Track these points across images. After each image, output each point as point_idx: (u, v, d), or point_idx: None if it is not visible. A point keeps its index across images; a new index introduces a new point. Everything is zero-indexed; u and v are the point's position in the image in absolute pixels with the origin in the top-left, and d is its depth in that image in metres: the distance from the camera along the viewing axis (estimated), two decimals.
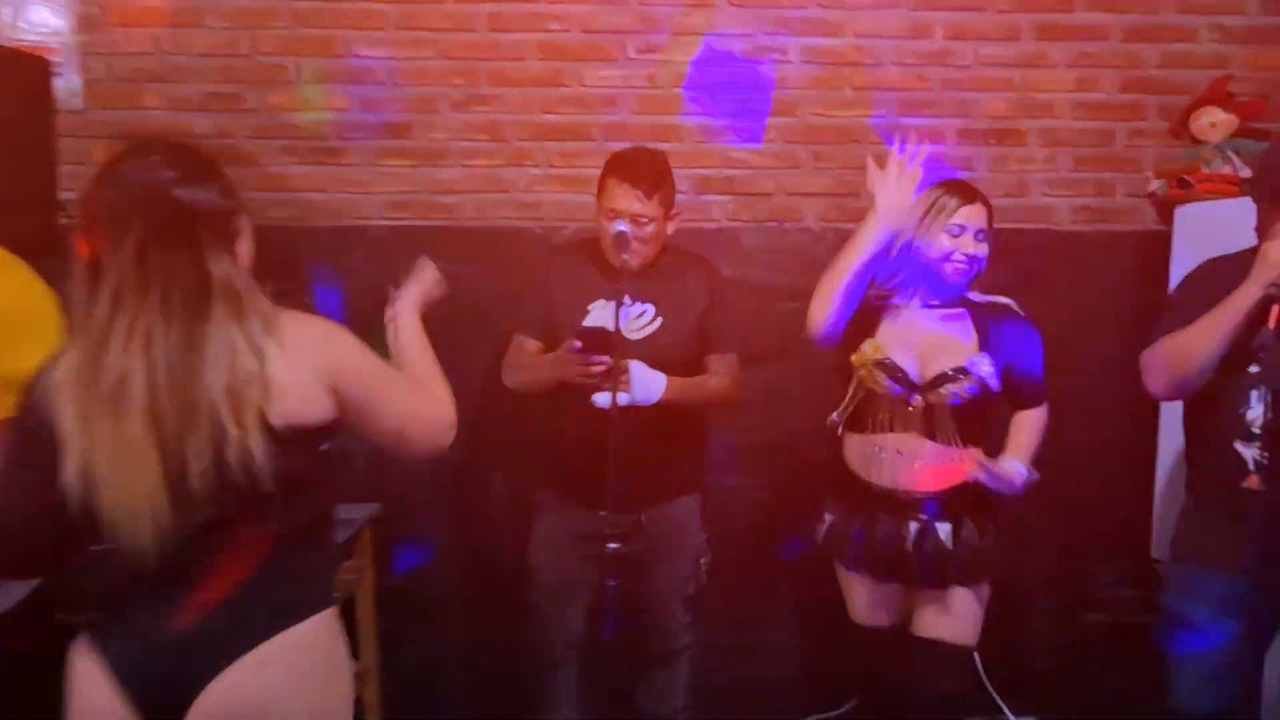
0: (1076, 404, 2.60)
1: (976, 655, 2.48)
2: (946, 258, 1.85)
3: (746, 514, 2.59)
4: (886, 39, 2.54)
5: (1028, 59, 2.57)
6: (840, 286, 1.81)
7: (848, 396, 1.93)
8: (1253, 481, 1.69)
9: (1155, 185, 2.55)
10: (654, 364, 1.86)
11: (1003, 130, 2.59)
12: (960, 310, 1.93)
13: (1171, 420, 2.47)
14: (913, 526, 1.86)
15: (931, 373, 1.85)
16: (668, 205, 1.97)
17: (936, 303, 1.92)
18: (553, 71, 2.54)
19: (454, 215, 2.57)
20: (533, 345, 2.03)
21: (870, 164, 1.81)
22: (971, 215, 1.87)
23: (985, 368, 1.85)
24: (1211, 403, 1.74)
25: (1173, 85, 2.58)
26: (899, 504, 1.87)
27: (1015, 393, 1.97)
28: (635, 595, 1.97)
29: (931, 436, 1.84)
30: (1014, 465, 1.88)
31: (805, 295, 2.40)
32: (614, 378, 1.73)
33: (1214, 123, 2.44)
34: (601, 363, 1.73)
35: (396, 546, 2.53)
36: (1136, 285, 2.58)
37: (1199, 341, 1.65)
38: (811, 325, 1.87)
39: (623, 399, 1.73)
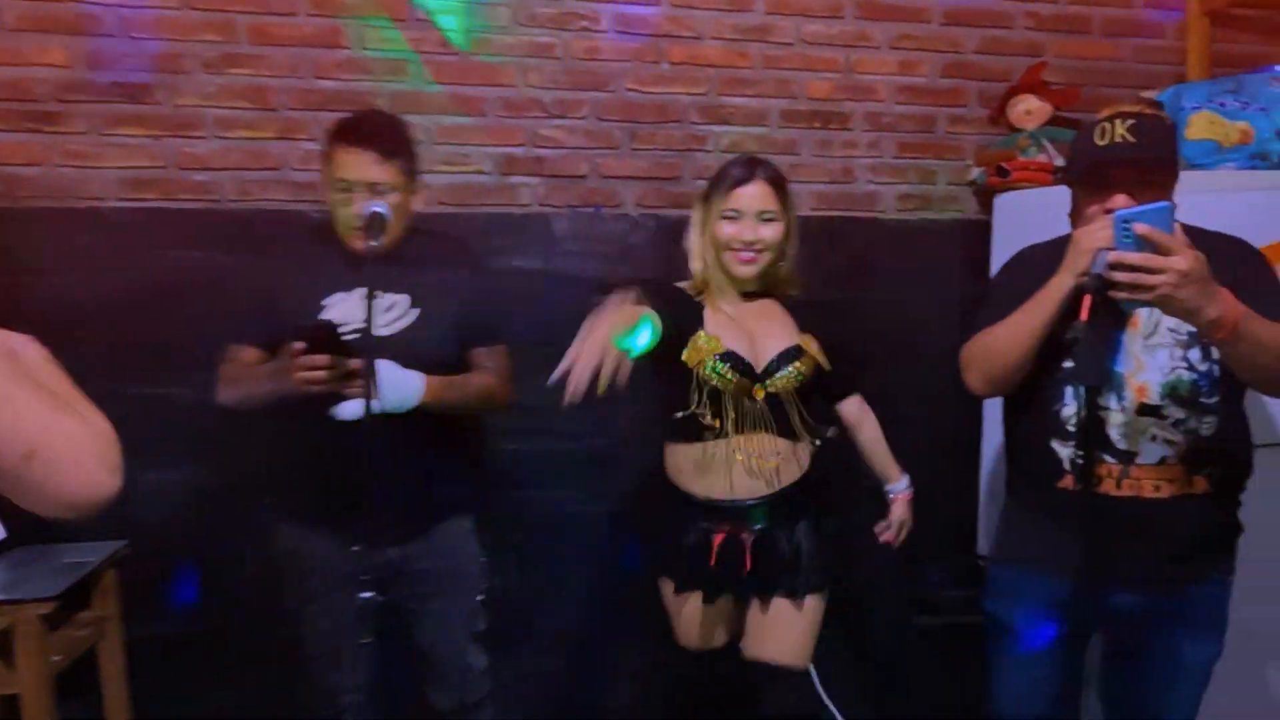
0: (902, 397, 2.53)
1: (813, 669, 2.35)
2: (726, 247, 1.72)
3: (573, 531, 2.35)
4: (704, 10, 2.35)
5: (850, 38, 2.45)
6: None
7: (694, 398, 1.72)
8: (1068, 481, 1.60)
9: (975, 173, 2.50)
10: (409, 363, 1.58)
11: (827, 113, 2.46)
12: (772, 299, 1.81)
13: (994, 414, 2.44)
14: (748, 537, 1.73)
15: (766, 359, 1.72)
16: (410, 174, 1.70)
17: (746, 292, 1.80)
18: (328, 30, 2.19)
19: (211, 195, 2.18)
20: (252, 354, 1.69)
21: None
22: (750, 197, 1.70)
23: (814, 346, 1.76)
24: (1027, 400, 1.65)
25: (991, 71, 2.53)
26: (735, 513, 1.73)
27: (835, 375, 1.87)
28: (412, 645, 1.70)
29: (773, 430, 1.73)
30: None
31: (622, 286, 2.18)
32: (356, 382, 1.44)
33: (1029, 110, 2.41)
34: (337, 365, 1.43)
35: (150, 589, 2.13)
36: (959, 275, 2.53)
37: (1013, 337, 1.55)
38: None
39: (372, 407, 1.44)
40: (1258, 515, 1.66)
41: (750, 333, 1.75)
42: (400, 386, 1.55)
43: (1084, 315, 1.35)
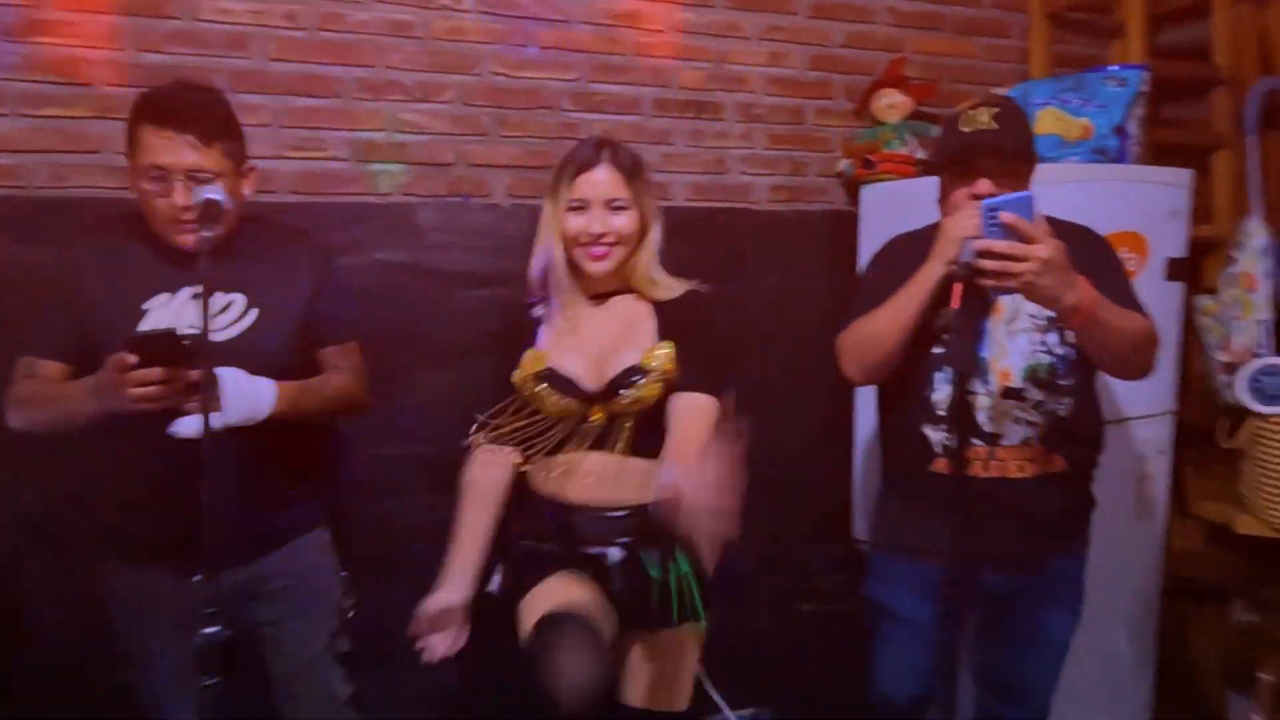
0: (776, 385, 2.57)
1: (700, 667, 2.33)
2: (575, 242, 1.53)
3: (442, 540, 2.21)
4: None
5: (721, 28, 2.43)
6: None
7: (507, 417, 1.59)
8: (940, 465, 1.65)
9: (843, 165, 2.55)
10: (253, 369, 1.41)
11: (700, 102, 2.44)
12: (630, 296, 1.61)
13: (867, 401, 2.51)
14: (614, 555, 1.55)
15: (608, 377, 1.53)
16: (237, 158, 1.49)
17: (603, 292, 1.60)
18: None
19: (18, 180, 1.92)
20: (52, 369, 1.46)
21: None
22: (596, 184, 1.51)
23: (664, 362, 1.53)
24: (899, 385, 1.69)
25: (856, 65, 2.59)
26: (584, 535, 1.56)
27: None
28: (268, 677, 1.55)
29: (618, 451, 1.56)
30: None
31: (493, 281, 2.10)
32: (199, 395, 1.26)
33: (892, 104, 2.48)
34: (174, 378, 1.25)
35: None
36: (829, 264, 2.58)
37: (885, 326, 1.58)
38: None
39: (216, 421, 1.27)
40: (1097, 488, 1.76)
41: (597, 344, 1.55)
42: (249, 396, 1.38)
43: (955, 303, 1.37)
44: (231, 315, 1.48)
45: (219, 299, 1.47)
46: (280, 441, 1.49)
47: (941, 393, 1.63)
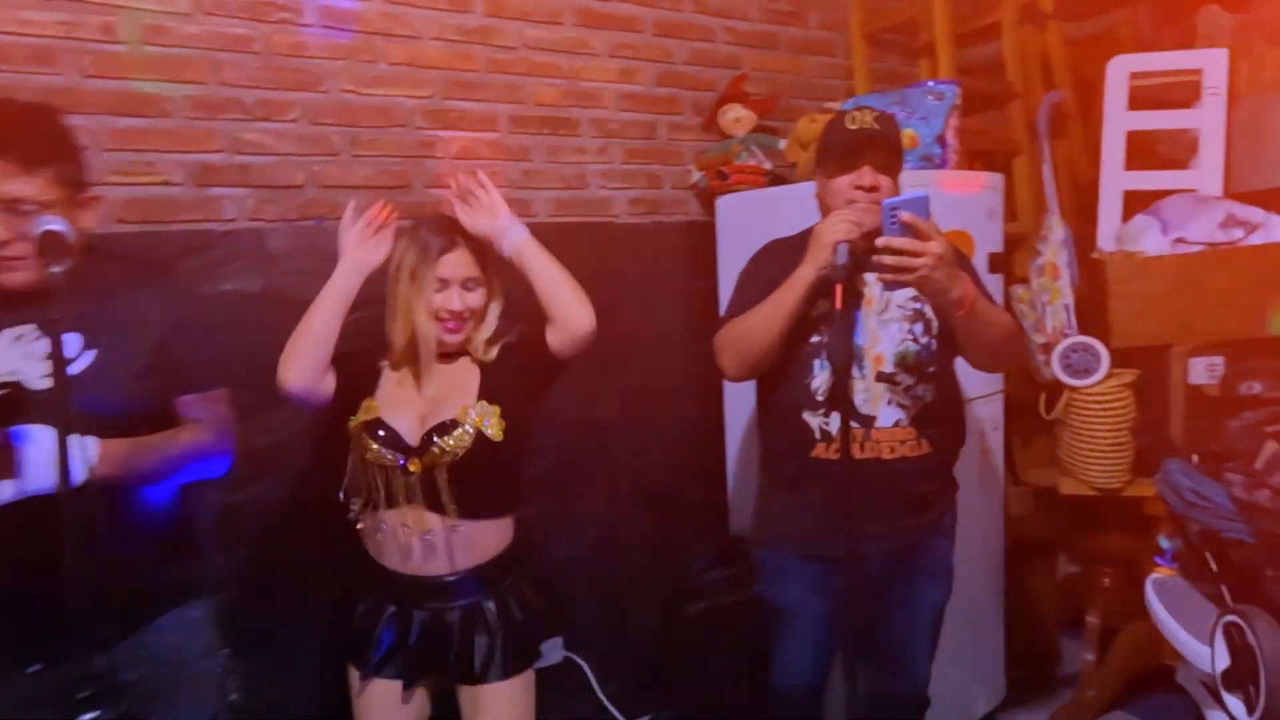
0: (647, 393, 2.62)
1: (587, 667, 2.32)
2: (435, 316, 1.62)
3: (318, 596, 2.08)
4: (421, 9, 2.22)
5: (572, 45, 2.46)
6: (309, 339, 1.58)
7: (348, 469, 1.64)
8: (820, 450, 1.73)
9: (696, 177, 2.65)
10: (87, 420, 1.25)
11: (556, 119, 2.45)
12: (466, 360, 1.68)
13: (735, 398, 2.62)
14: (421, 617, 1.61)
15: (427, 429, 1.59)
16: (71, 184, 1.33)
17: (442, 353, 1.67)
18: None
19: None
20: None
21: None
22: (454, 265, 1.61)
23: (478, 419, 1.59)
24: (779, 376, 1.76)
25: (701, 81, 2.69)
26: (420, 592, 1.61)
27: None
28: None
29: (436, 508, 1.58)
30: None
31: (357, 306, 1.99)
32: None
33: (738, 118, 2.60)
34: None
35: None
36: (689, 273, 2.66)
37: (761, 326, 1.66)
38: (281, 380, 1.57)
39: (6, 492, 1.10)
40: None
41: (426, 401, 1.62)
42: (52, 459, 1.13)
43: (838, 303, 1.46)
44: (60, 361, 1.23)
45: (42, 342, 1.28)
46: (128, 505, 1.32)
47: (820, 380, 1.72)
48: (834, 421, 1.69)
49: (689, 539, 2.63)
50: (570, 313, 1.57)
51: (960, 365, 1.79)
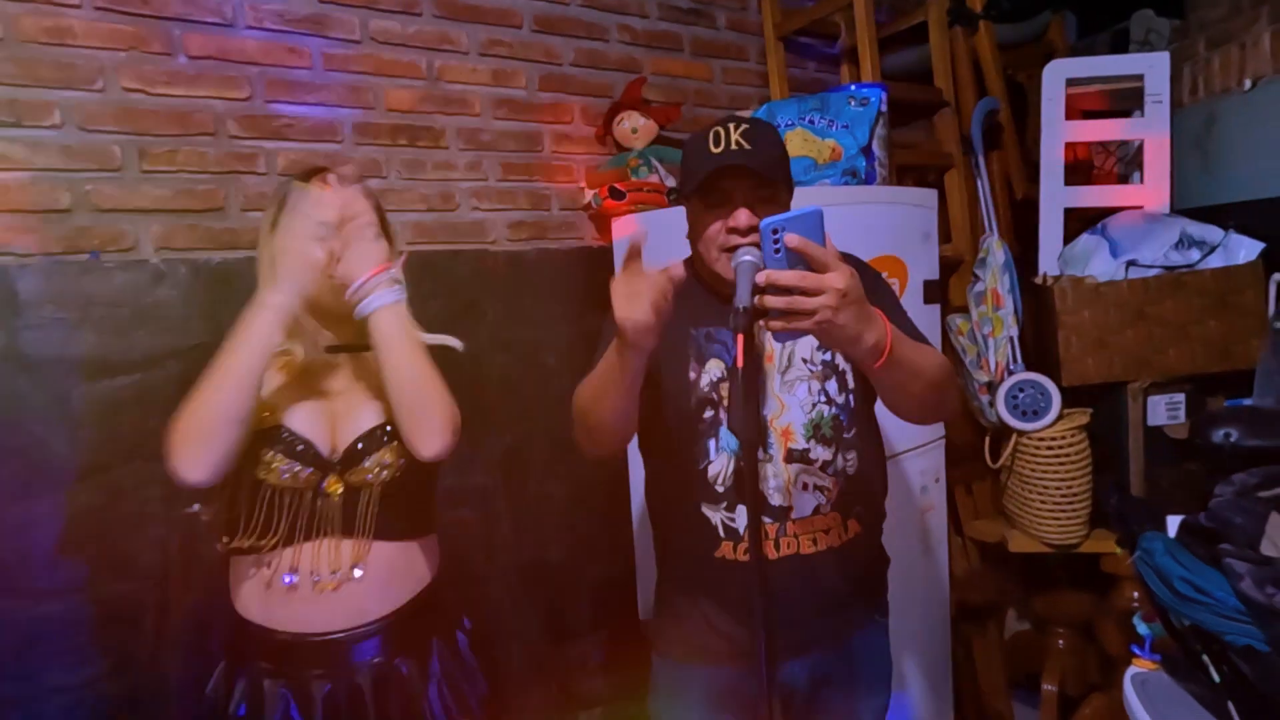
0: (535, 452, 2.22)
1: None
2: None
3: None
4: None
5: (431, 40, 2.06)
6: (219, 415, 1.15)
7: (224, 499, 1.26)
8: (725, 549, 1.36)
9: (589, 196, 2.27)
10: None
11: (415, 128, 2.04)
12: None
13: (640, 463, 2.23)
14: (364, 680, 1.26)
15: (347, 441, 1.28)
16: None
17: (334, 344, 1.35)
18: None
19: None
20: None
21: None
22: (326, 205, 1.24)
23: None
24: (666, 461, 1.39)
25: (592, 86, 2.32)
26: (327, 654, 1.25)
27: None
28: None
29: (356, 534, 1.27)
30: None
31: (136, 365, 1.58)
32: None
33: (635, 128, 2.24)
34: None
35: None
36: (581, 308, 2.27)
37: (590, 393, 1.24)
38: (177, 472, 1.15)
39: None
40: None
41: (332, 402, 1.30)
42: None
43: (739, 360, 1.08)
44: None
45: None
46: None
47: (718, 464, 1.35)
48: (740, 516, 1.32)
49: (588, 624, 2.22)
50: (423, 428, 1.23)
51: (890, 415, 1.44)
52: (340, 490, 1.26)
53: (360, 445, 1.27)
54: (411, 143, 2.03)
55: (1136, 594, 2.11)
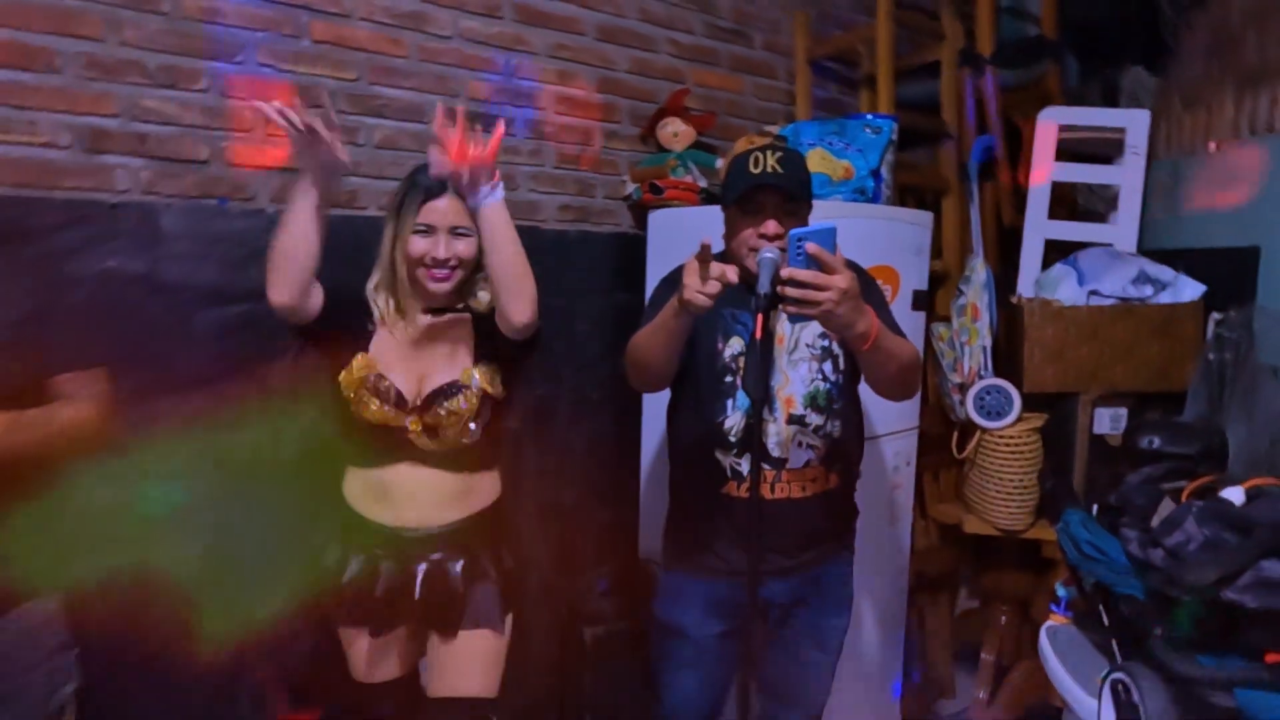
0: (560, 408, 2.55)
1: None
2: (419, 263, 1.60)
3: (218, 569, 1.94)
4: None
5: (508, 40, 2.37)
6: (283, 252, 1.48)
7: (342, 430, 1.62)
8: (731, 487, 1.71)
9: (630, 189, 2.59)
10: None
11: (489, 116, 2.35)
12: (463, 314, 1.67)
13: (652, 416, 2.56)
14: (420, 568, 1.63)
15: (429, 389, 1.60)
16: None
17: (433, 307, 1.66)
18: None
19: None
20: None
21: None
22: (441, 212, 1.58)
23: (481, 380, 1.63)
24: (692, 412, 1.73)
25: (640, 91, 2.64)
26: (403, 544, 1.63)
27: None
28: None
29: (437, 465, 1.63)
30: None
31: (246, 296, 1.90)
32: None
33: (676, 133, 2.55)
34: None
35: None
36: (614, 286, 2.60)
37: (645, 339, 1.61)
38: (268, 294, 1.50)
39: None
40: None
41: (423, 358, 1.62)
42: None
43: (758, 333, 1.42)
44: None
45: None
46: None
47: (733, 419, 1.69)
48: (746, 462, 1.67)
49: (594, 560, 2.56)
50: (516, 298, 1.53)
51: (874, 401, 1.78)
52: (419, 429, 1.58)
53: (436, 397, 1.58)
54: (485, 128, 2.34)
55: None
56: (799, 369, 1.70)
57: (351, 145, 2.14)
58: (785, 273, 1.38)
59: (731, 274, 1.42)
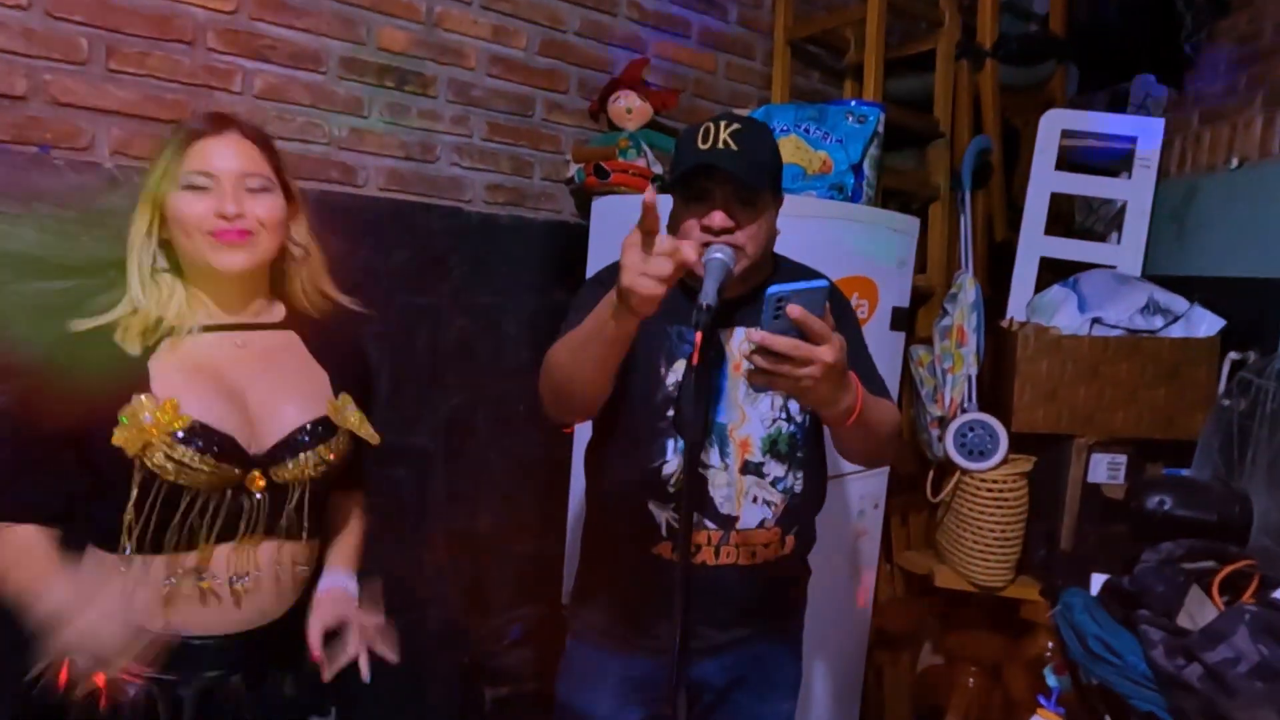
0: (482, 422, 2.18)
1: None
2: (197, 229, 1.12)
3: None
4: None
5: None
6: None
7: (130, 502, 1.07)
8: (664, 548, 1.35)
9: (573, 170, 2.22)
10: None
11: (404, 71, 1.97)
12: (283, 327, 1.25)
13: (587, 433, 2.20)
14: (238, 685, 1.16)
15: (274, 435, 1.16)
16: None
17: (225, 322, 1.18)
18: None
19: None
20: None
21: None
22: (224, 155, 1.13)
23: (355, 419, 1.25)
24: (624, 453, 1.37)
25: (592, 58, 2.27)
26: (218, 656, 1.14)
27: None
28: None
29: (283, 534, 1.17)
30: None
31: (78, 269, 1.52)
32: None
33: (630, 109, 2.19)
34: None
35: None
36: (549, 281, 2.24)
37: (569, 353, 1.20)
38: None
39: None
40: None
41: (241, 386, 1.16)
42: None
43: (695, 358, 1.06)
44: None
45: None
46: None
47: (673, 464, 1.33)
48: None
49: (509, 601, 2.19)
50: None
51: None
52: (263, 486, 1.13)
53: (294, 442, 1.16)
54: (398, 86, 1.96)
55: (1051, 645, 2.14)
56: (758, 405, 1.35)
57: (226, 94, 1.75)
58: (757, 338, 1.01)
59: (688, 250, 1.03)
